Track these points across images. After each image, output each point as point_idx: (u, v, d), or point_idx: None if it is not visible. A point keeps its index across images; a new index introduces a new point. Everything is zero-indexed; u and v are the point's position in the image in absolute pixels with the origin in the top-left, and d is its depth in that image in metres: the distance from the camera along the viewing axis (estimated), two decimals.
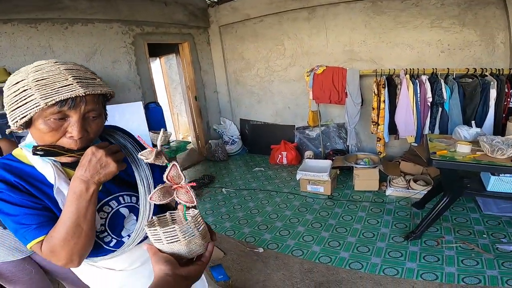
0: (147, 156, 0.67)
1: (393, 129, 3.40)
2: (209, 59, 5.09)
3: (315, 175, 3.35)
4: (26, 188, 0.73)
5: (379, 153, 3.59)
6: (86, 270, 0.90)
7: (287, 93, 4.65)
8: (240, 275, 2.26)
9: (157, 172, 0.89)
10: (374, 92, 3.43)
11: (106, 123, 0.82)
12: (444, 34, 3.31)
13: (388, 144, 3.67)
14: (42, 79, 0.65)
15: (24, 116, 0.65)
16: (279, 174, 4.13)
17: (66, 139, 0.70)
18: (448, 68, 3.10)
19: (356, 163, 3.50)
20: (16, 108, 0.66)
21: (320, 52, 4.13)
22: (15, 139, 1.99)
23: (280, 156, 4.42)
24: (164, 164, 0.68)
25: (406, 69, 3.24)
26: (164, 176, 0.68)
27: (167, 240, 0.63)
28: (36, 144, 0.71)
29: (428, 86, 3.10)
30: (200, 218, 0.69)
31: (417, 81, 3.19)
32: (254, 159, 4.85)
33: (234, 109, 5.33)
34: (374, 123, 3.53)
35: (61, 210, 0.73)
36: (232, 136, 5.10)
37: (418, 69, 3.21)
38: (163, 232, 0.63)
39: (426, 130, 3.23)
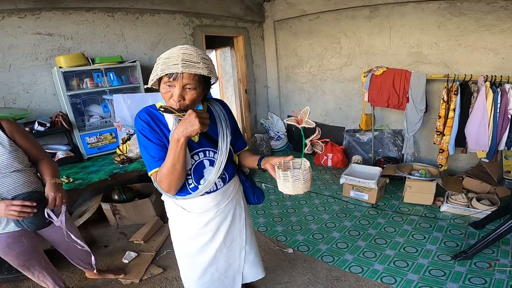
0: (310, 124, 1.03)
1: (461, 141, 2.98)
2: (262, 54, 5.07)
3: (361, 181, 3.09)
4: (156, 128, 1.07)
5: (440, 166, 3.17)
6: (170, 204, 1.24)
7: (339, 93, 4.39)
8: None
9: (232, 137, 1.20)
10: (443, 98, 3.04)
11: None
12: None
13: (452, 157, 3.23)
14: (167, 58, 0.96)
15: (153, 79, 1.00)
16: (322, 176, 3.92)
17: (172, 100, 0.99)
18: None
19: (410, 174, 3.14)
20: (152, 74, 1.00)
21: (381, 53, 3.81)
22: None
23: (325, 157, 4.19)
24: (312, 126, 1.03)
25: (487, 75, 2.80)
26: (311, 137, 1.08)
27: (292, 179, 1.01)
28: (161, 104, 1.04)
29: (511, 96, 2.63)
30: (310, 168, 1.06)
31: (498, 89, 2.75)
32: (298, 157, 4.67)
33: (283, 105, 5.23)
34: (438, 133, 3.13)
35: None
36: (278, 132, 5.01)
37: (501, 76, 2.77)
38: (291, 175, 1.01)
39: (502, 146, 2.77)
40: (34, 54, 2.75)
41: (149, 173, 1.08)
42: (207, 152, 1.13)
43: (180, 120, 1.02)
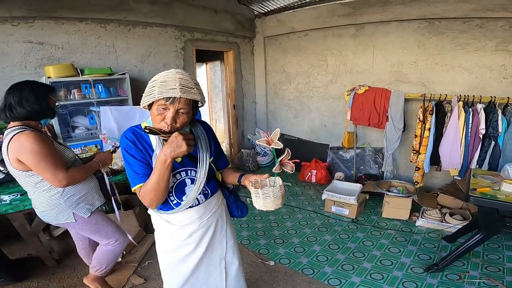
0: (279, 146, 1.12)
1: (435, 159, 3.12)
2: (251, 69, 5.19)
3: (342, 197, 3.18)
4: (141, 147, 1.13)
5: (416, 183, 3.30)
6: (155, 217, 1.30)
7: (325, 110, 4.53)
8: None
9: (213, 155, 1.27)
10: (419, 118, 3.19)
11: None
12: (510, 58, 2.98)
13: (427, 174, 3.37)
14: (164, 82, 1.00)
15: (148, 101, 1.03)
16: (306, 192, 4.00)
17: (163, 123, 1.04)
18: (508, 97, 2.79)
19: (388, 190, 3.26)
20: (146, 96, 1.04)
21: (365, 71, 3.97)
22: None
23: (309, 173, 4.27)
24: (280, 148, 1.13)
25: (460, 95, 2.98)
26: (281, 157, 1.16)
27: (263, 196, 1.10)
28: (148, 124, 1.10)
29: (482, 116, 2.81)
30: (283, 186, 1.13)
31: (470, 109, 2.91)
32: (283, 173, 4.74)
33: (270, 121, 5.33)
34: (414, 151, 3.27)
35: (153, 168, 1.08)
36: (265, 148, 5.07)
37: (474, 96, 2.93)
38: (262, 192, 1.10)
39: (474, 164, 2.92)
40: (24, 62, 2.77)
41: (133, 189, 1.13)
42: (188, 171, 1.20)
43: (165, 141, 1.07)
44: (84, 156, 2.05)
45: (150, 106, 1.07)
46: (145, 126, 1.04)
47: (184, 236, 1.27)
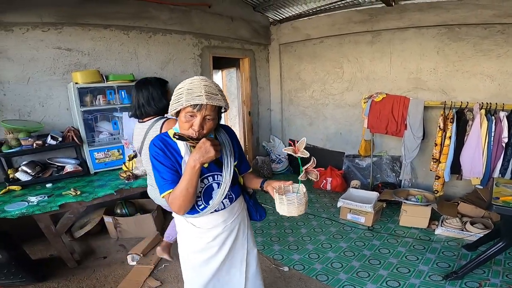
0: (305, 155, 1.16)
1: (456, 168, 3.05)
2: (266, 76, 5.24)
3: (358, 205, 3.15)
4: (169, 154, 1.16)
5: (436, 192, 3.23)
6: (180, 220, 1.33)
7: (340, 118, 4.50)
8: None
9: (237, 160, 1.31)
10: (439, 126, 3.13)
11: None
12: None
13: (448, 183, 3.29)
14: (190, 89, 1.05)
15: (176, 109, 1.07)
16: (321, 199, 3.97)
17: (191, 130, 1.08)
18: None
19: (406, 199, 3.20)
20: (174, 103, 1.08)
21: (382, 78, 3.94)
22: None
23: (324, 181, 4.24)
24: (306, 156, 1.16)
25: (482, 103, 2.90)
26: (306, 166, 1.20)
27: (287, 202, 1.13)
28: (176, 131, 1.14)
29: (505, 124, 2.74)
30: (306, 193, 1.18)
31: (493, 117, 2.84)
32: (298, 180, 4.73)
33: (285, 129, 5.33)
34: (434, 160, 3.20)
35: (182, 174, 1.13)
36: (280, 155, 5.08)
37: (496, 103, 2.86)
38: (287, 198, 1.13)
39: (496, 173, 2.85)
40: (53, 68, 2.90)
41: (162, 195, 1.15)
42: (215, 176, 1.23)
43: (192, 147, 1.11)
44: None
45: (177, 113, 1.11)
46: (174, 133, 1.08)
47: (208, 239, 1.30)
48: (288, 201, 1.13)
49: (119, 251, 2.76)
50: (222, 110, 1.17)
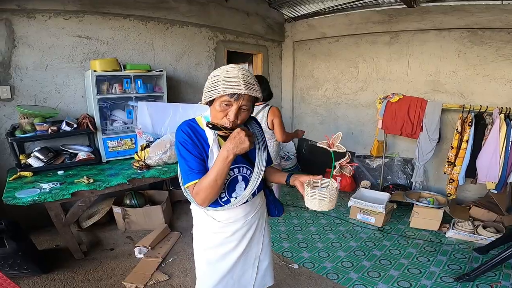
0: (341, 149, 1.15)
1: (471, 172, 3.00)
2: (278, 73, 5.21)
3: (369, 205, 3.12)
4: (197, 142, 1.10)
5: (449, 195, 3.18)
6: (199, 213, 1.27)
7: (353, 118, 4.46)
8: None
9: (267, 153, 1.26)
10: (456, 129, 3.08)
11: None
12: None
13: (461, 187, 3.25)
14: (227, 77, 0.99)
15: (211, 97, 1.02)
16: None
17: (225, 119, 1.03)
18: None
19: (418, 201, 3.17)
20: (209, 91, 1.03)
21: (398, 79, 3.89)
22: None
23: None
24: (343, 151, 1.15)
25: (502, 107, 2.85)
26: (341, 161, 1.20)
27: (319, 197, 1.10)
28: (209, 120, 1.10)
29: None
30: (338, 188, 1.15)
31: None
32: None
33: (295, 126, 5.28)
34: (449, 163, 3.16)
35: (208, 164, 1.09)
36: (288, 153, 5.04)
37: None
38: (319, 193, 1.11)
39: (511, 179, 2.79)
40: (71, 56, 2.91)
41: (186, 185, 1.10)
42: (241, 168, 1.18)
43: (223, 137, 1.08)
44: None
45: (211, 102, 1.06)
46: (207, 122, 1.03)
47: (227, 233, 1.26)
48: (321, 195, 1.11)
49: (126, 243, 2.72)
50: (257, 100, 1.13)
